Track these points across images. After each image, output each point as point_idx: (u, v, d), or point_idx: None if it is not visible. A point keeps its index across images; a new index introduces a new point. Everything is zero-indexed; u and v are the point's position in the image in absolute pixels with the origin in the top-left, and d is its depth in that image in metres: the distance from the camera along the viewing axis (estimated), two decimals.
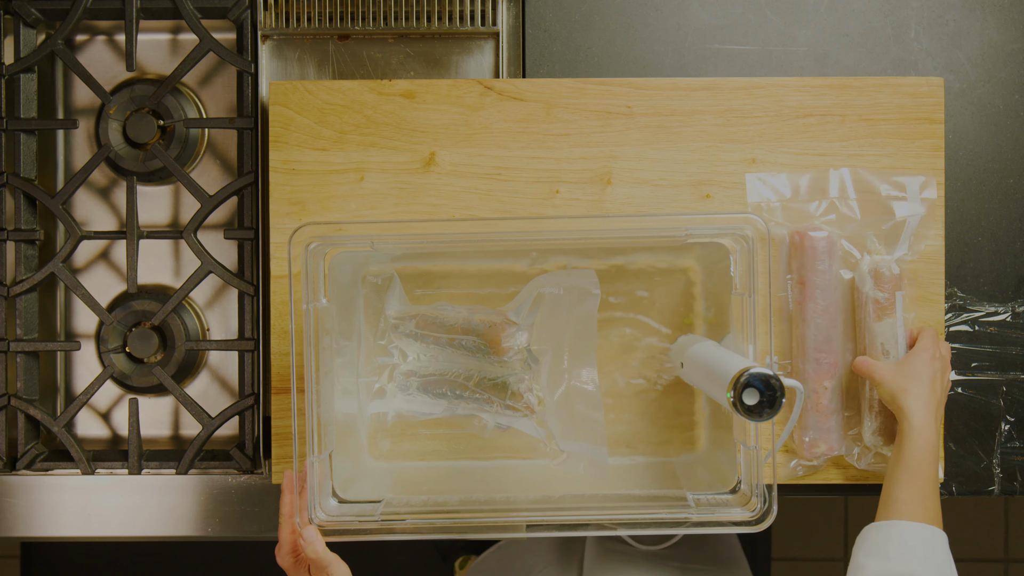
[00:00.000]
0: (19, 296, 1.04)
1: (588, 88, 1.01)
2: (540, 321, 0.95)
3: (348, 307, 0.99)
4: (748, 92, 1.01)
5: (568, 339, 0.94)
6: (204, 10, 1.05)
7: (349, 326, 0.99)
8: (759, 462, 0.89)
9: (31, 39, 1.07)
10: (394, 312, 0.99)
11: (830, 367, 0.97)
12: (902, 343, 0.96)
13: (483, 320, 0.95)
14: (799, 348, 0.98)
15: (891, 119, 1.01)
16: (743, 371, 0.82)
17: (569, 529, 0.95)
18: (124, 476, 1.05)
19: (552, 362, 0.94)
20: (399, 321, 0.98)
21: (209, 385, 1.10)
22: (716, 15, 1.06)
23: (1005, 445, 1.04)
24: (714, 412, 1.02)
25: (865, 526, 0.88)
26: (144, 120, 1.05)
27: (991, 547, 2.00)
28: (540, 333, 0.95)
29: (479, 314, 0.96)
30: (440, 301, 1.01)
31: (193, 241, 1.05)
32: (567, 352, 0.94)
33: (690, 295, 1.01)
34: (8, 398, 1.04)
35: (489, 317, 0.96)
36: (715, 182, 1.01)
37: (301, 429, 0.89)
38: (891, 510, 0.86)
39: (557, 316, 0.94)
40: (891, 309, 0.96)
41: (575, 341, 0.94)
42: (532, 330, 0.95)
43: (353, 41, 1.07)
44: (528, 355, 0.95)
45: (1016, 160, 1.05)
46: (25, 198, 1.05)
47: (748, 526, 0.88)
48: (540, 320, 0.95)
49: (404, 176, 1.01)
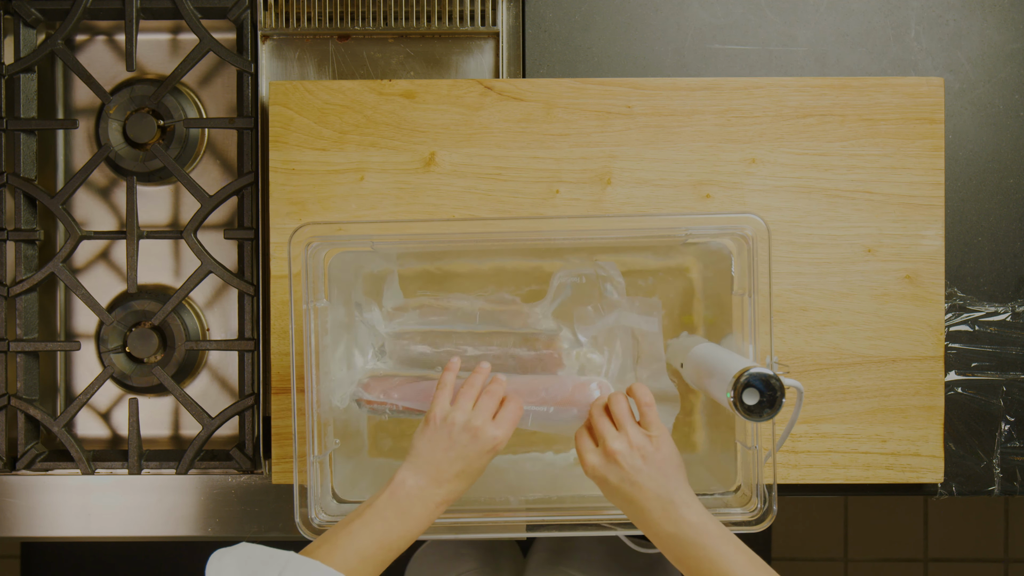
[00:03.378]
0: (19, 296, 1.04)
1: (588, 88, 1.01)
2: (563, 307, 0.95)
3: (348, 307, 0.99)
4: (748, 92, 1.01)
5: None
6: (204, 10, 1.05)
7: (349, 325, 0.99)
8: (759, 462, 0.89)
9: (31, 39, 1.07)
10: (393, 305, 0.98)
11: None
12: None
13: (500, 308, 0.95)
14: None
15: (891, 119, 1.01)
16: (743, 371, 0.82)
17: (569, 529, 0.95)
18: (124, 476, 1.05)
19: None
20: (399, 312, 0.98)
21: (209, 385, 1.10)
22: (716, 15, 1.06)
23: (1005, 445, 1.04)
24: (714, 412, 1.02)
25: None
26: (144, 120, 1.05)
27: (991, 547, 2.00)
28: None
29: (494, 302, 0.96)
30: (450, 293, 1.00)
31: (193, 241, 1.05)
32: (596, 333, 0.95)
33: (690, 295, 1.01)
34: (8, 398, 1.04)
35: (507, 305, 0.95)
36: (715, 182, 1.01)
37: (301, 429, 0.89)
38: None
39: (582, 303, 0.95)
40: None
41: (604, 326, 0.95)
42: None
43: (353, 41, 1.07)
44: (558, 328, 0.95)
45: (1016, 160, 1.05)
46: (25, 198, 1.05)
47: (748, 526, 0.89)
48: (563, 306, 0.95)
49: (404, 176, 1.01)
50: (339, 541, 0.81)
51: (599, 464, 0.83)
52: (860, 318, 1.01)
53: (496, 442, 0.84)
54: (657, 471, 0.81)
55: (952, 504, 1.99)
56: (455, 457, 0.83)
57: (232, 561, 0.78)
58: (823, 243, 1.01)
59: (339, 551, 0.80)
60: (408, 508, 0.82)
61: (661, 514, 0.80)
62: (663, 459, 0.82)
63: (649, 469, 0.81)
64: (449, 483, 0.83)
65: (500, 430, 0.85)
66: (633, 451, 0.82)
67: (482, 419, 0.84)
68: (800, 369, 1.01)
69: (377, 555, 0.81)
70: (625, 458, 0.81)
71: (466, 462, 0.84)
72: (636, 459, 0.81)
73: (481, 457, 0.84)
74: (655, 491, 0.81)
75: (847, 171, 1.01)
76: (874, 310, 1.01)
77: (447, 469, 0.83)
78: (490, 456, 0.85)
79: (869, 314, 1.01)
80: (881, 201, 1.01)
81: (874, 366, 1.01)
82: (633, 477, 0.81)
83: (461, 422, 0.84)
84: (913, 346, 1.01)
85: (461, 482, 0.84)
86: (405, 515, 0.82)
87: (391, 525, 0.82)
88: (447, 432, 0.84)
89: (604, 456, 0.83)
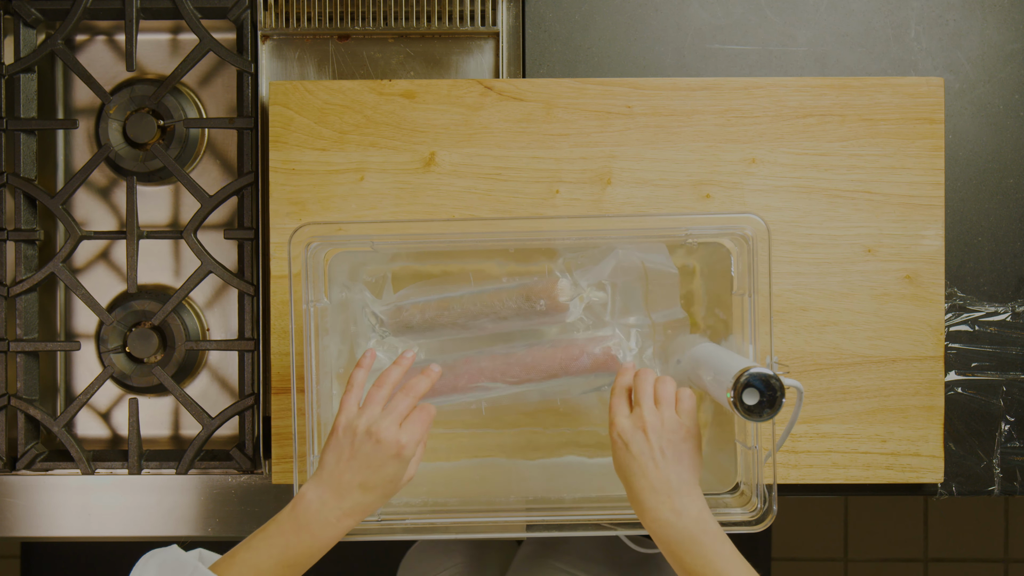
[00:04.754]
0: (19, 296, 1.04)
1: (588, 88, 1.01)
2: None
3: (348, 307, 0.99)
4: (748, 92, 1.01)
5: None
6: (204, 10, 1.05)
7: (349, 325, 0.99)
8: (759, 462, 0.89)
9: (31, 39, 1.07)
10: (390, 301, 0.98)
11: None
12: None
13: (521, 288, 0.93)
14: None
15: (891, 119, 1.01)
16: (743, 371, 0.82)
17: (569, 529, 0.95)
18: (124, 476, 1.05)
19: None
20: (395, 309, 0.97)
21: (209, 385, 1.10)
22: (716, 15, 1.06)
23: (1005, 445, 1.04)
24: (714, 412, 1.02)
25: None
26: (144, 120, 1.05)
27: (991, 547, 2.00)
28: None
29: (507, 286, 0.94)
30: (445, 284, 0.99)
31: (193, 241, 1.05)
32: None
33: (690, 295, 1.01)
34: (8, 398, 1.04)
35: (525, 282, 0.94)
36: (715, 182, 1.01)
37: (301, 429, 0.89)
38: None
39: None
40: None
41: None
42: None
43: (353, 41, 1.07)
44: (593, 300, 0.94)
45: (1016, 160, 1.05)
46: (25, 198, 1.05)
47: (748, 526, 0.89)
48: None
49: (404, 176, 1.01)
50: (238, 556, 0.79)
51: (627, 428, 0.82)
52: (860, 318, 1.01)
53: (400, 447, 0.79)
54: (677, 458, 0.81)
55: (952, 504, 1.99)
56: (357, 467, 0.79)
57: (153, 566, 0.78)
58: (823, 243, 1.01)
59: (236, 567, 0.78)
60: (307, 523, 0.79)
61: (666, 499, 0.80)
62: (688, 450, 0.82)
63: (672, 453, 0.81)
64: (351, 495, 0.79)
65: (406, 434, 0.80)
66: (663, 430, 0.81)
67: (387, 422, 0.80)
68: (800, 369, 1.01)
69: (274, 571, 0.78)
70: (654, 433, 0.81)
71: (369, 471, 0.79)
72: (664, 439, 0.81)
73: (385, 464, 0.80)
74: (668, 475, 0.80)
75: (847, 171, 1.01)
76: (874, 310, 1.01)
77: (349, 480, 0.79)
78: (396, 463, 0.80)
79: (869, 314, 1.01)
80: (881, 201, 1.01)
81: (874, 366, 1.01)
82: (655, 454, 0.81)
83: (363, 428, 0.80)
84: (913, 346, 1.01)
85: (367, 494, 0.80)
86: (303, 530, 0.79)
87: (289, 541, 0.79)
88: (349, 439, 0.80)
89: (635, 422, 0.82)
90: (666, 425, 0.82)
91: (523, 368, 0.92)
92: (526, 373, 0.92)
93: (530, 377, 0.92)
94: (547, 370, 0.92)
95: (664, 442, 0.81)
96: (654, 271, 0.95)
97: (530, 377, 0.92)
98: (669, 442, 0.81)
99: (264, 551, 0.79)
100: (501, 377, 0.92)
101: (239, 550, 0.79)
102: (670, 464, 0.81)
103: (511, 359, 0.92)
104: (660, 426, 0.82)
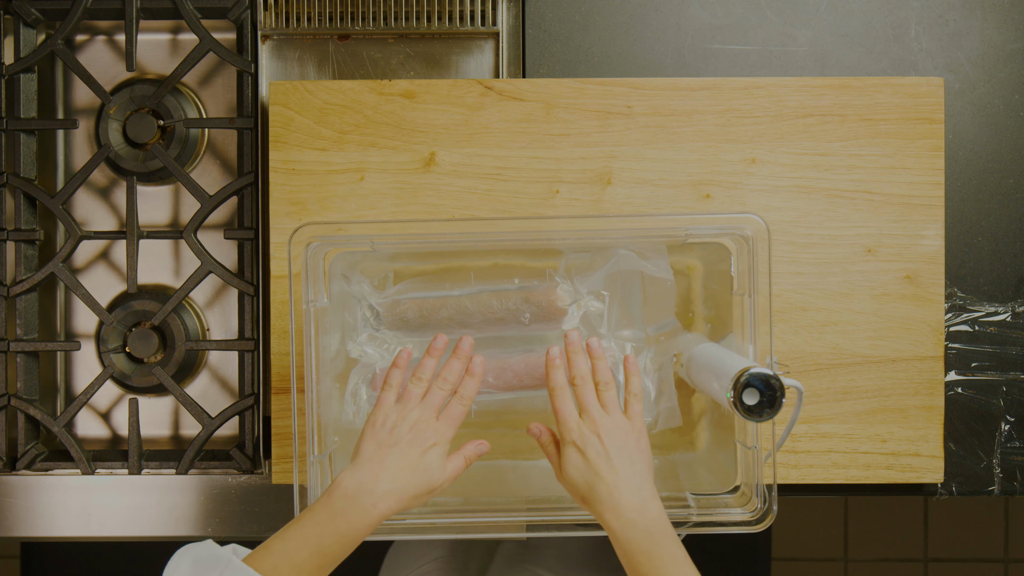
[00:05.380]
0: (19, 296, 1.04)
1: (588, 88, 1.01)
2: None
3: (347, 306, 0.99)
4: (748, 92, 1.01)
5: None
6: (204, 10, 1.05)
7: (344, 317, 0.99)
8: (759, 462, 0.89)
9: (31, 39, 1.07)
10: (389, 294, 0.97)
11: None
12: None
13: (521, 291, 0.93)
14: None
15: (891, 119, 1.01)
16: (743, 371, 0.82)
17: (569, 529, 0.95)
18: (124, 476, 1.05)
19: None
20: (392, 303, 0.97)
21: (209, 385, 1.10)
22: (716, 15, 1.06)
23: (1005, 445, 1.04)
24: (714, 412, 1.02)
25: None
26: (144, 120, 1.05)
27: (991, 547, 2.00)
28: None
29: (507, 287, 0.94)
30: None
31: (193, 241, 1.05)
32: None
33: (690, 295, 1.01)
34: (8, 398, 1.04)
35: (525, 285, 0.94)
36: (715, 182, 1.01)
37: (301, 429, 0.89)
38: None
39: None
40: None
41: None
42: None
43: (353, 41, 1.07)
44: (590, 305, 0.94)
45: (1016, 160, 1.05)
46: (25, 198, 1.05)
47: (748, 526, 0.89)
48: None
49: (404, 176, 1.01)
50: (273, 547, 0.78)
51: (583, 432, 0.83)
52: (860, 318, 1.01)
53: (437, 436, 0.82)
54: (631, 459, 0.82)
55: (952, 504, 1.99)
56: (396, 455, 0.81)
57: (188, 560, 0.77)
58: (823, 243, 1.01)
59: (271, 557, 0.77)
60: (342, 510, 0.79)
61: (629, 499, 0.80)
62: (641, 450, 0.83)
63: (627, 455, 0.82)
64: (387, 481, 0.80)
65: (444, 424, 0.83)
66: (616, 433, 0.83)
67: (427, 413, 0.83)
68: (800, 369, 1.01)
69: (310, 561, 0.78)
70: (608, 435, 0.82)
71: (406, 460, 0.81)
72: (617, 442, 0.82)
73: (425, 454, 0.81)
74: (628, 476, 0.81)
75: (847, 171, 1.01)
76: (874, 310, 1.01)
77: (387, 466, 0.80)
78: (435, 451, 0.82)
79: (869, 314, 1.01)
80: (881, 201, 1.01)
81: (874, 366, 1.01)
82: (611, 456, 0.81)
83: (402, 418, 0.82)
84: (913, 346, 1.01)
85: (403, 481, 0.81)
86: (339, 518, 0.78)
87: (325, 530, 0.78)
88: (388, 429, 0.82)
89: (589, 427, 0.83)
90: (619, 428, 0.83)
91: (515, 375, 0.93)
92: (518, 380, 0.93)
93: (523, 384, 0.93)
94: (540, 378, 0.92)
95: (618, 444, 0.82)
96: (652, 279, 0.95)
97: (523, 384, 0.93)
98: (623, 444, 0.82)
99: (299, 541, 0.78)
100: (494, 382, 0.93)
101: (273, 541, 0.79)
102: (627, 465, 0.82)
103: (505, 364, 0.93)
104: (613, 428, 0.83)
